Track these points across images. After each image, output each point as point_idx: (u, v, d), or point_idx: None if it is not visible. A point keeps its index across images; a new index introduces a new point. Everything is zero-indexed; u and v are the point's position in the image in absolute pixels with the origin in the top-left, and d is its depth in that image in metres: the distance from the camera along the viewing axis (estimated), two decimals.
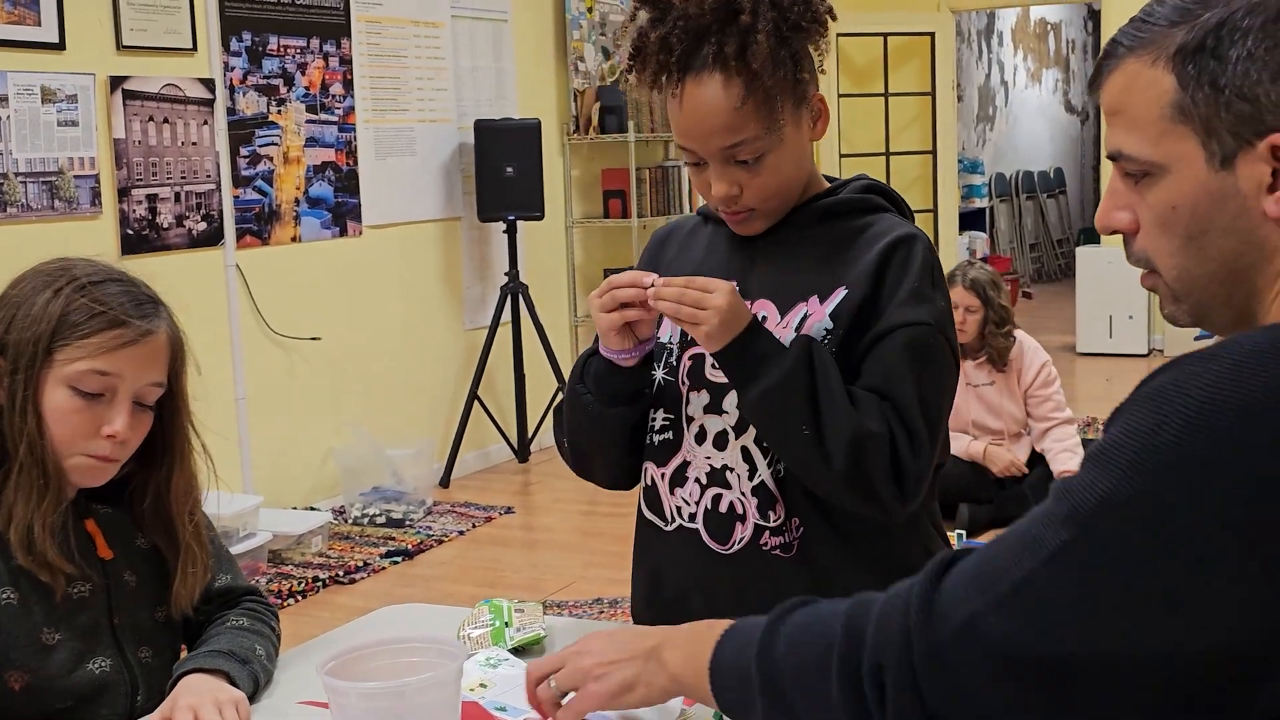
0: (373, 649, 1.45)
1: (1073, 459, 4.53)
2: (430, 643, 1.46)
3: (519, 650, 1.71)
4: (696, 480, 1.72)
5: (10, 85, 4.43)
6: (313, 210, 5.62)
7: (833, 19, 1.66)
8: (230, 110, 5.23)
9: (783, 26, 1.61)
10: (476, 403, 6.23)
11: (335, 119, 5.71)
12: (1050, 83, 14.59)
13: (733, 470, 1.69)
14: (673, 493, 1.74)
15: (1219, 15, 1.00)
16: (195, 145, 5.08)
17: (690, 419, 1.72)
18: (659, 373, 1.75)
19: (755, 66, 1.58)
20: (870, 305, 1.63)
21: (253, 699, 1.61)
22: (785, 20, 1.61)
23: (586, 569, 4.89)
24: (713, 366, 1.69)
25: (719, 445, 1.70)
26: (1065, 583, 0.92)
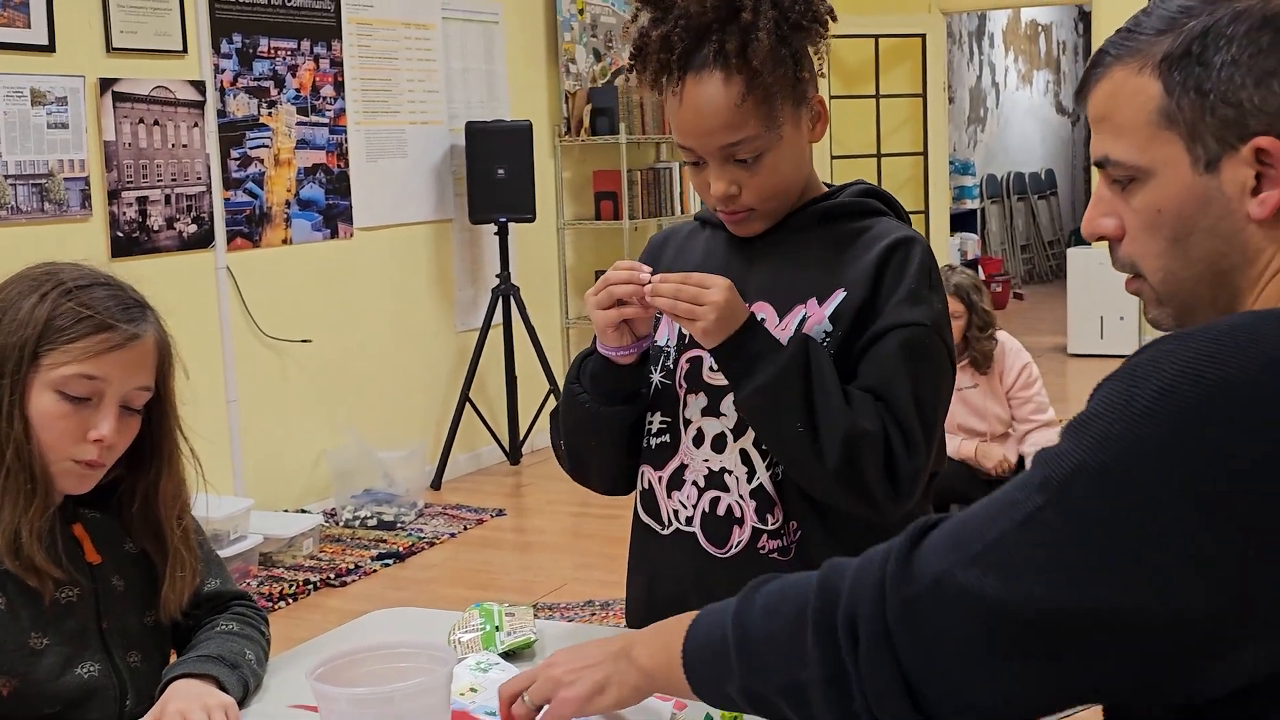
0: (362, 654, 1.45)
1: None
2: (420, 648, 1.46)
3: (510, 655, 1.70)
4: (694, 483, 1.71)
5: (0, 87, 4.43)
6: (304, 212, 5.61)
7: (833, 19, 1.66)
8: (221, 112, 5.22)
9: (783, 25, 1.61)
10: (468, 405, 6.22)
11: (326, 121, 5.70)
12: (1041, 84, 14.62)
13: (731, 473, 1.69)
14: (670, 496, 1.73)
15: (1204, 23, 1.03)
16: (185, 147, 5.07)
17: (688, 421, 1.72)
18: (656, 375, 1.75)
19: (756, 64, 1.58)
20: (869, 307, 1.63)
21: (242, 704, 1.61)
22: (786, 19, 1.61)
23: (578, 571, 4.88)
24: (710, 369, 1.69)
25: (717, 448, 1.70)
26: (1036, 544, 0.95)
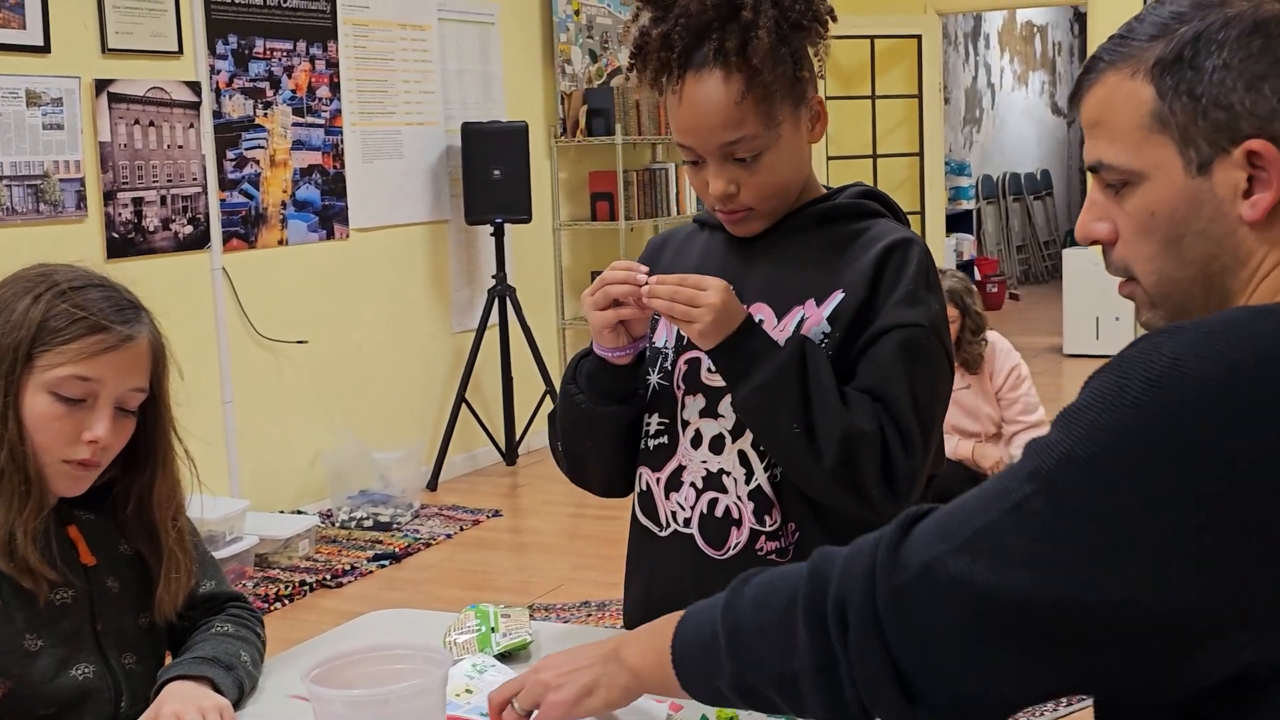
0: (358, 656, 1.45)
1: None
2: (415, 649, 1.46)
3: (505, 656, 1.70)
4: (692, 485, 1.71)
5: None
6: (299, 213, 5.61)
7: (833, 20, 1.66)
8: (216, 113, 5.21)
9: (783, 25, 1.61)
10: (464, 406, 6.22)
11: (322, 122, 5.70)
12: (1037, 85, 14.63)
13: (729, 474, 1.68)
14: (668, 498, 1.73)
15: (1195, 29, 1.04)
16: (181, 148, 5.06)
17: (686, 423, 1.72)
18: (654, 377, 1.74)
19: (755, 62, 1.58)
20: (867, 308, 1.63)
21: (237, 705, 1.61)
22: (786, 19, 1.62)
23: (575, 571, 4.88)
24: (708, 370, 1.69)
25: (715, 449, 1.70)
26: (1024, 532, 0.96)
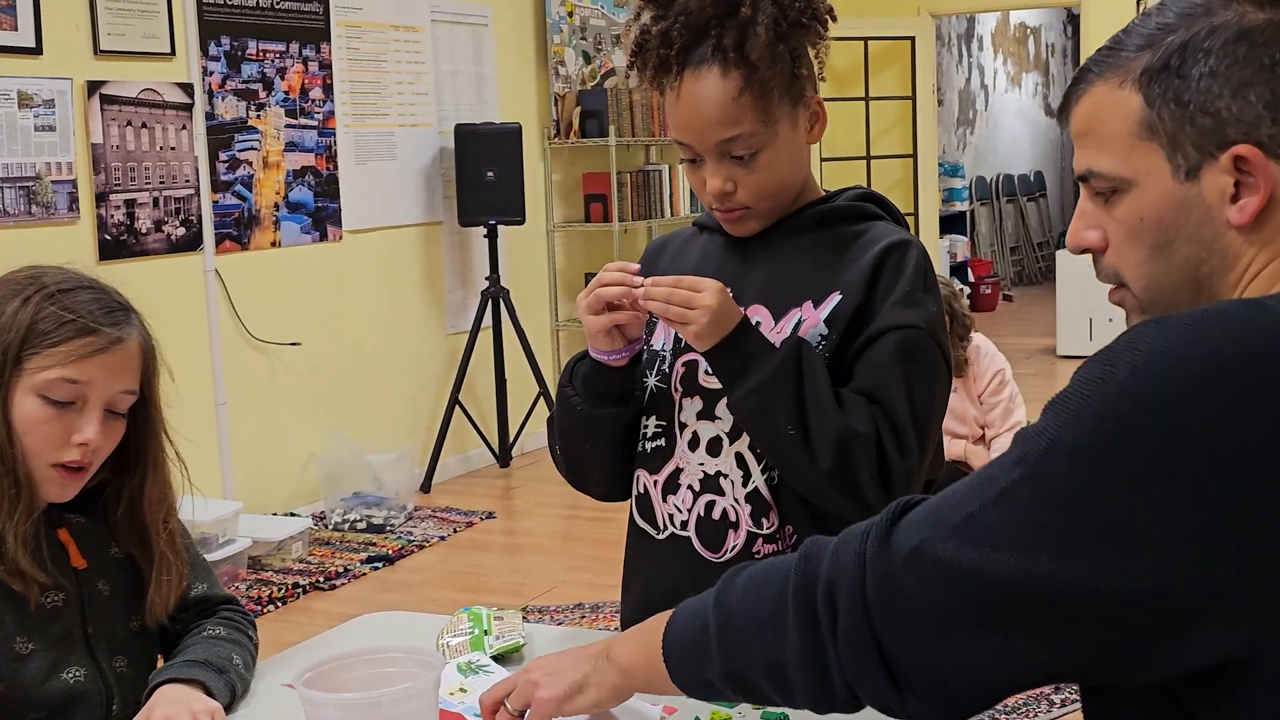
0: (350, 659, 1.45)
1: None
2: (408, 652, 1.46)
3: (498, 658, 1.70)
4: (689, 487, 1.70)
5: None
6: (292, 215, 5.60)
7: (833, 19, 1.66)
8: (209, 115, 5.21)
9: (782, 22, 1.61)
10: (458, 407, 6.22)
11: (315, 123, 5.69)
12: (1030, 86, 14.65)
13: (726, 477, 1.68)
14: (665, 500, 1.73)
15: (1182, 38, 1.06)
16: (174, 150, 5.06)
17: (683, 425, 1.72)
18: (651, 379, 1.74)
19: (753, 58, 1.59)
20: (864, 310, 1.63)
21: (229, 709, 1.60)
22: (785, 16, 1.62)
23: (568, 573, 4.88)
24: (706, 372, 1.68)
25: (712, 451, 1.69)
26: (1010, 517, 0.97)
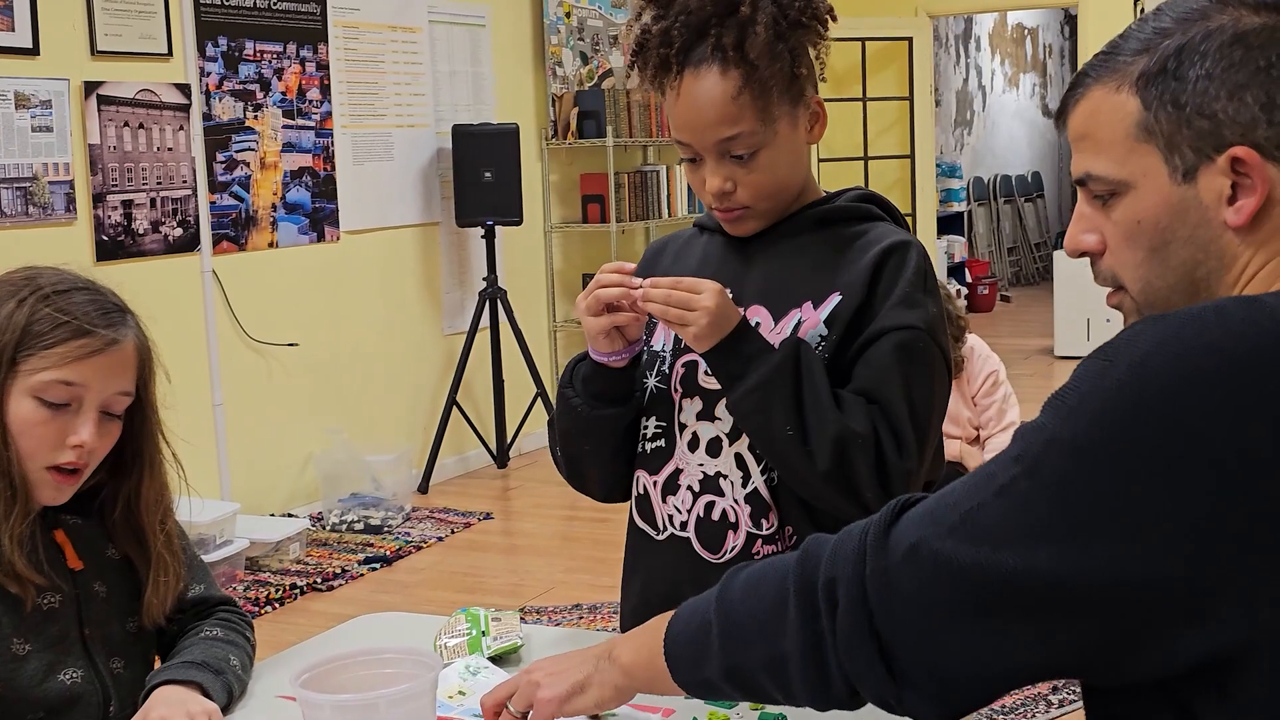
0: (347, 660, 1.45)
1: None
2: (405, 653, 1.46)
3: (496, 659, 1.70)
4: (689, 488, 1.70)
5: None
6: (290, 216, 5.60)
7: (833, 19, 1.66)
8: (206, 115, 5.20)
9: (782, 21, 1.62)
10: (455, 408, 6.21)
11: (312, 124, 5.69)
12: (1028, 87, 14.65)
13: (726, 477, 1.68)
14: (664, 501, 1.73)
15: (1178, 42, 1.07)
16: (171, 151, 5.05)
17: (683, 426, 1.72)
18: (651, 380, 1.74)
19: (752, 57, 1.59)
20: (864, 311, 1.63)
21: (226, 710, 1.60)
22: (785, 16, 1.62)
23: (566, 574, 4.88)
24: (705, 373, 1.68)
25: (712, 452, 1.69)
26: (1010, 513, 0.98)
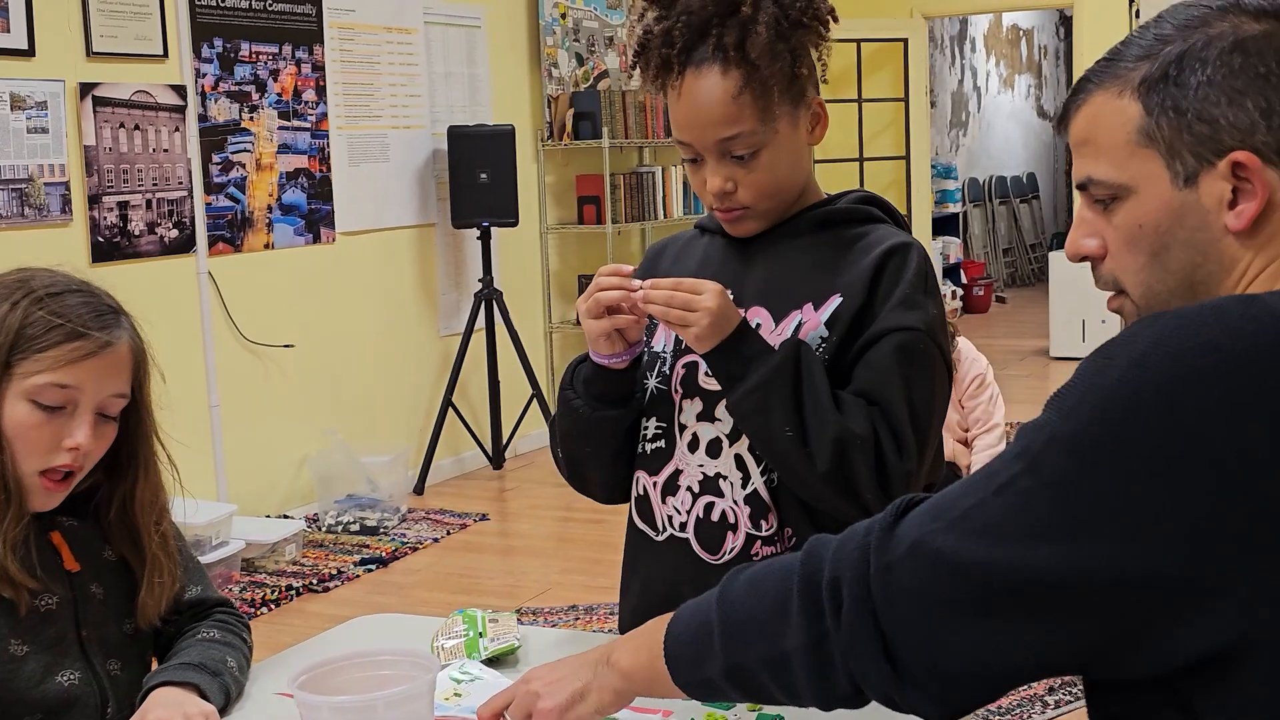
0: (345, 662, 1.45)
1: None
2: (402, 655, 1.46)
3: (493, 661, 1.70)
4: (688, 489, 1.71)
5: None
6: (286, 217, 5.60)
7: (834, 20, 1.67)
8: (202, 117, 5.20)
9: (783, 21, 1.62)
10: (451, 409, 6.21)
11: (308, 125, 5.69)
12: (1023, 88, 14.66)
13: (725, 478, 1.68)
14: (664, 501, 1.73)
15: (1179, 48, 1.08)
16: (167, 152, 5.05)
17: (683, 427, 1.72)
18: (652, 381, 1.74)
19: (753, 57, 1.59)
20: (865, 312, 1.63)
21: (223, 712, 1.60)
22: (786, 16, 1.63)
23: (562, 575, 4.88)
24: (705, 374, 1.69)
25: (712, 453, 1.70)
26: (1011, 508, 0.98)
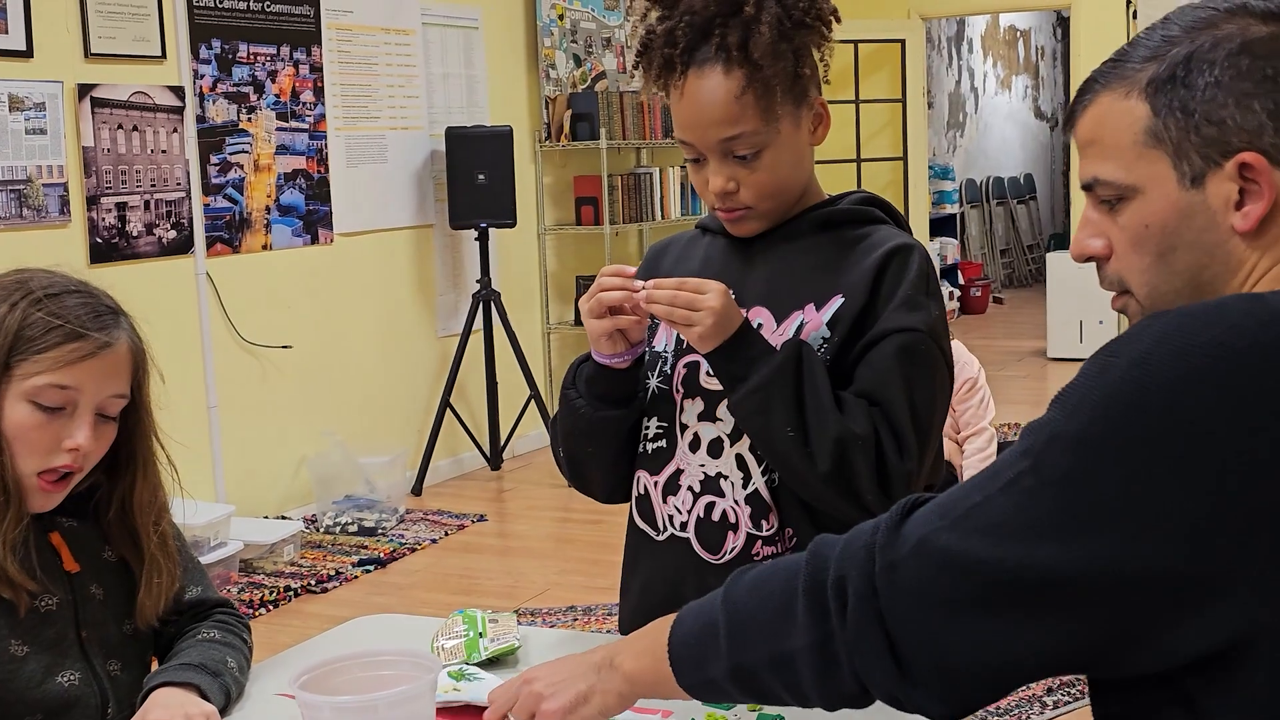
0: (346, 662, 1.45)
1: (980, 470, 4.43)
2: (403, 655, 1.46)
3: (493, 661, 1.70)
4: (689, 488, 1.71)
5: None
6: (284, 218, 5.60)
7: (837, 20, 1.67)
8: (200, 118, 5.20)
9: (786, 22, 1.62)
10: (449, 410, 6.21)
11: (306, 126, 5.69)
12: (1020, 89, 14.67)
13: (726, 478, 1.69)
14: (665, 501, 1.73)
15: (1187, 50, 1.08)
16: (165, 153, 5.05)
17: (684, 426, 1.72)
18: (653, 380, 1.75)
19: (756, 56, 1.59)
20: (867, 313, 1.64)
21: (224, 712, 1.60)
22: (789, 16, 1.63)
23: (561, 576, 4.88)
24: (707, 374, 1.69)
25: (713, 453, 1.70)
26: (1015, 506, 0.99)
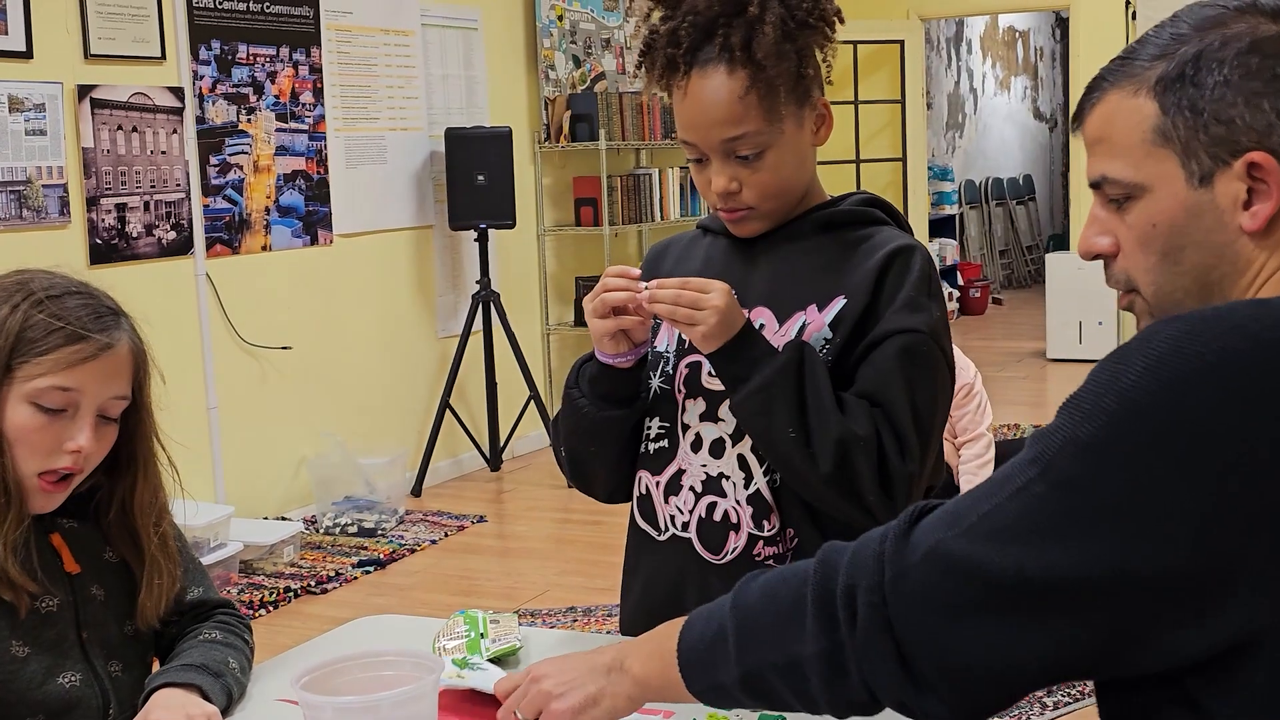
0: (348, 663, 1.45)
1: (977, 476, 4.46)
2: (405, 656, 1.46)
3: (494, 661, 1.70)
4: (691, 489, 1.71)
5: None
6: (283, 219, 5.60)
7: (840, 21, 1.67)
8: (200, 119, 5.20)
9: (789, 22, 1.62)
10: (449, 411, 6.21)
11: (305, 127, 5.69)
12: (1019, 90, 14.68)
13: (728, 479, 1.69)
14: (666, 501, 1.73)
15: (1196, 48, 1.08)
16: (164, 154, 5.05)
17: (686, 427, 1.72)
18: (655, 380, 1.75)
19: (759, 57, 1.59)
20: (869, 314, 1.64)
21: (225, 712, 1.60)
22: (793, 16, 1.63)
23: (561, 576, 4.88)
24: (709, 374, 1.69)
25: (715, 453, 1.70)
26: (1025, 512, 0.99)
